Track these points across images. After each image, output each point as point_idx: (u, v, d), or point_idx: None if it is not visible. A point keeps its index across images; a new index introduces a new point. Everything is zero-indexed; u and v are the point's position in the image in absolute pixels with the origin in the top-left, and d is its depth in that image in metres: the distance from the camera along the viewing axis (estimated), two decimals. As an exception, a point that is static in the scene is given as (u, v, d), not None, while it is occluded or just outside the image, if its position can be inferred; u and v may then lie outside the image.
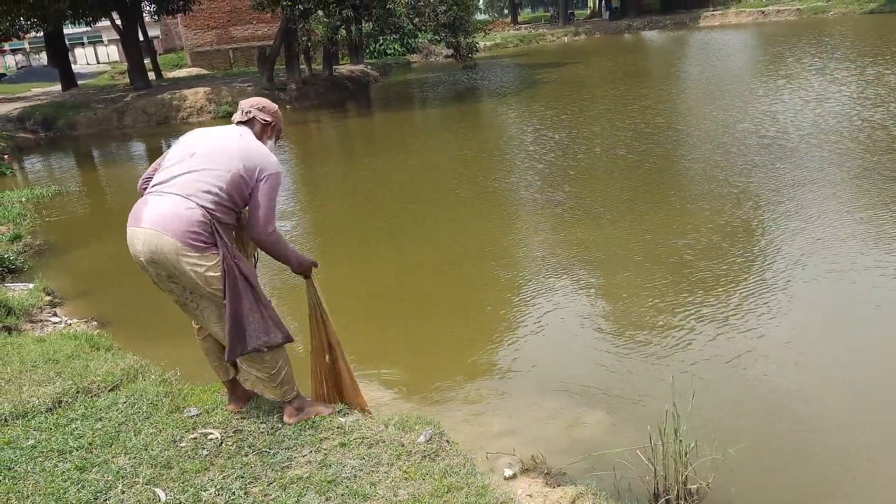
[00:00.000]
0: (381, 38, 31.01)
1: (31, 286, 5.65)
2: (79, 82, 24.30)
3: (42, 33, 21.95)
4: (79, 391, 3.37)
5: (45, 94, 22.50)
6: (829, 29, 24.74)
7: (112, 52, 41.93)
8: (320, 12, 19.38)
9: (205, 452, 2.79)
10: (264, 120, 2.96)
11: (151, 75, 23.59)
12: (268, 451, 2.78)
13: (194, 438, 2.91)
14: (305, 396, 3.13)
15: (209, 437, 2.90)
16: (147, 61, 23.54)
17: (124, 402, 3.25)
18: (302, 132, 15.07)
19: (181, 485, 2.58)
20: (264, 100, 3.04)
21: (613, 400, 3.65)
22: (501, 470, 2.97)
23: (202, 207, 2.63)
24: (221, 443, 2.85)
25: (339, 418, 3.03)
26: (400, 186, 9.09)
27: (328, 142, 14.28)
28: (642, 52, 26.42)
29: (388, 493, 2.51)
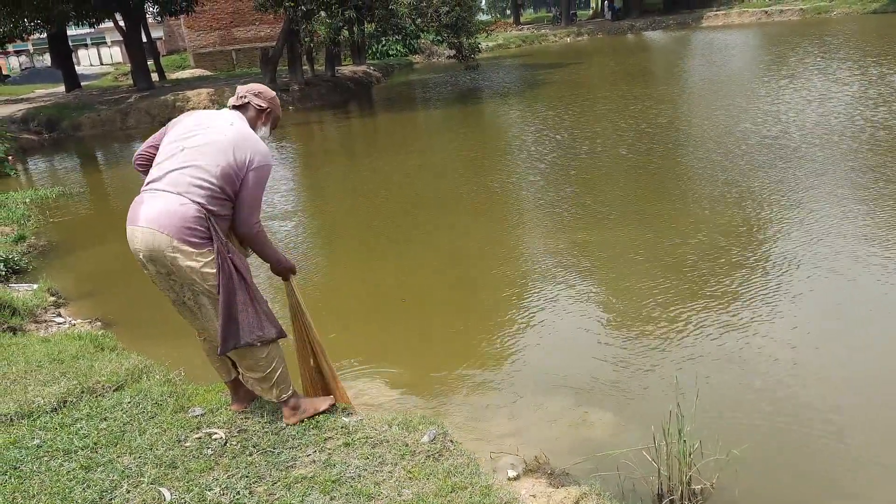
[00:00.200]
0: (384, 39, 31.05)
1: (35, 287, 5.67)
2: (82, 84, 24.34)
3: (46, 35, 22.01)
4: (84, 391, 3.38)
5: (48, 96, 22.57)
6: (832, 29, 24.70)
7: (115, 54, 42.01)
8: (323, 13, 19.41)
9: (209, 452, 2.80)
10: (259, 105, 2.93)
11: (154, 76, 23.70)
12: (272, 450, 2.79)
13: (199, 438, 2.91)
14: (301, 394, 3.13)
15: (214, 437, 2.91)
16: (150, 63, 23.64)
17: (129, 402, 3.26)
18: (304, 133, 15.09)
19: (186, 484, 2.59)
20: (261, 86, 3.01)
21: (617, 400, 3.65)
22: (505, 470, 2.97)
23: (196, 203, 2.62)
24: (226, 442, 2.86)
25: (343, 418, 3.04)
26: (401, 187, 9.09)
27: (330, 142, 14.29)
28: (645, 52, 26.41)
29: (392, 492, 2.51)
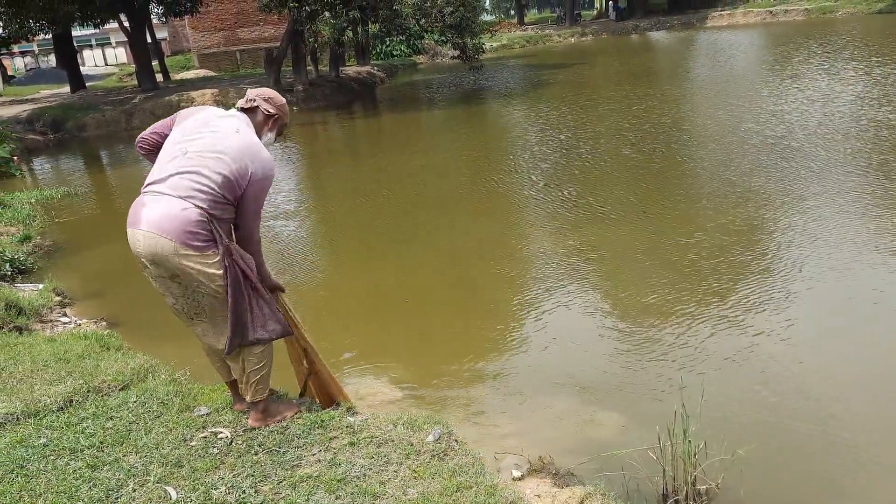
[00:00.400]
0: (388, 40, 31.08)
1: (41, 287, 5.69)
2: (87, 84, 24.43)
3: (51, 35, 22.09)
4: (90, 390, 3.40)
5: (53, 96, 22.64)
6: (837, 29, 24.64)
7: (120, 54, 42.12)
8: (327, 14, 19.44)
9: (215, 451, 2.81)
10: (267, 111, 2.92)
11: (159, 77, 23.75)
12: (277, 449, 2.79)
13: (204, 437, 2.92)
14: (273, 399, 3.10)
15: (219, 436, 2.92)
16: (155, 63, 23.71)
17: (135, 402, 3.27)
18: (308, 133, 15.11)
19: (192, 483, 2.60)
20: (272, 91, 3.00)
21: (621, 400, 3.65)
22: (509, 470, 2.97)
23: (198, 207, 2.60)
24: (231, 441, 2.87)
25: (348, 417, 3.04)
26: (404, 187, 9.10)
27: (334, 142, 14.31)
28: (649, 52, 26.37)
29: (397, 491, 2.51)
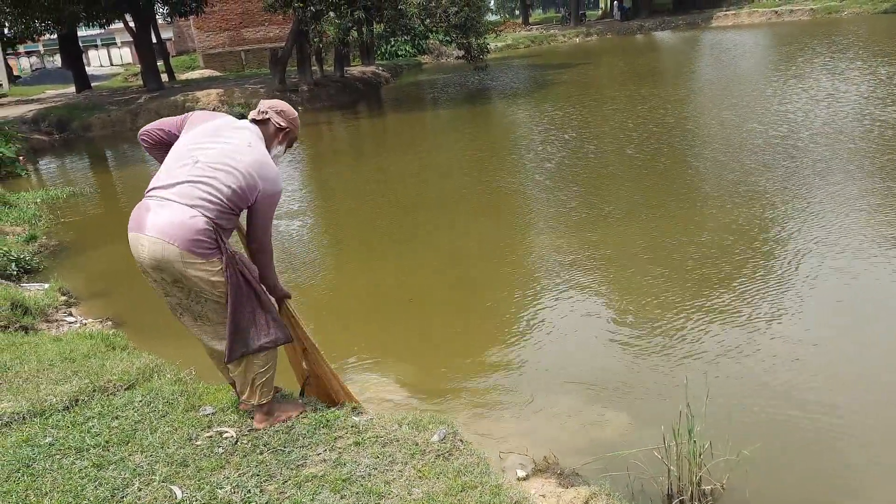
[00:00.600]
0: (393, 40, 31.09)
1: (46, 286, 5.71)
2: (92, 84, 24.49)
3: (56, 36, 22.15)
4: (95, 390, 3.40)
5: (59, 96, 22.72)
6: (842, 29, 24.57)
7: (125, 55, 42.24)
8: (332, 14, 19.44)
9: (220, 451, 2.81)
10: (279, 124, 2.93)
11: (164, 77, 23.79)
12: (282, 449, 2.80)
13: (210, 437, 2.93)
14: (279, 396, 3.11)
15: (224, 436, 2.92)
16: (160, 63, 23.76)
17: (140, 401, 3.28)
18: (313, 133, 15.12)
19: (197, 482, 2.60)
20: (285, 104, 3.00)
21: (626, 400, 3.64)
22: (514, 470, 2.97)
23: (206, 216, 2.62)
24: (237, 441, 2.87)
25: (353, 417, 3.04)
26: (407, 186, 9.11)
27: (339, 142, 14.34)
28: (653, 52, 26.34)
29: (402, 491, 2.51)
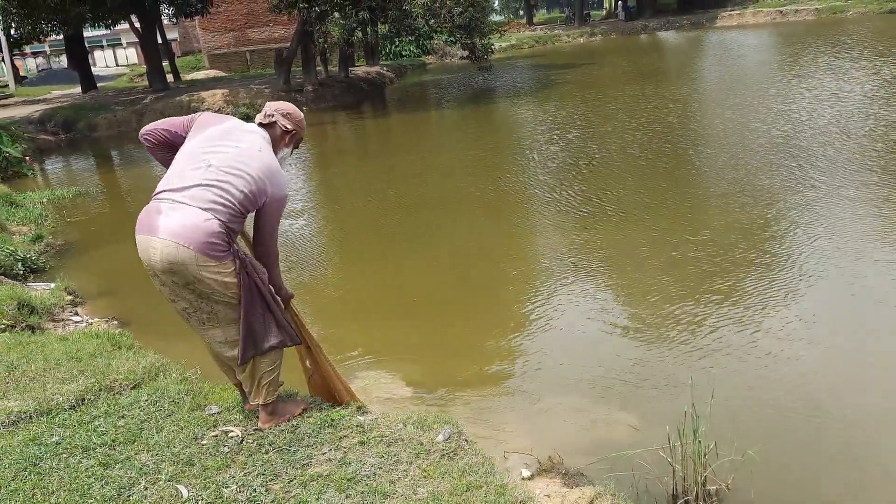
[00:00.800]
0: (397, 40, 31.08)
1: (52, 286, 5.73)
2: (98, 84, 24.58)
3: (62, 36, 22.24)
4: (101, 389, 3.42)
5: (65, 97, 22.81)
6: (847, 29, 24.48)
7: (131, 55, 42.37)
8: (336, 14, 19.47)
9: (226, 450, 2.82)
10: (285, 127, 2.93)
11: (170, 77, 23.88)
12: (288, 448, 2.81)
13: (215, 436, 2.94)
14: (281, 398, 3.11)
15: (230, 435, 2.93)
16: (165, 63, 23.82)
17: (146, 400, 3.29)
18: (318, 133, 15.14)
19: (203, 481, 2.61)
20: (291, 106, 3.00)
21: (631, 400, 3.64)
22: (519, 470, 2.97)
23: (219, 220, 2.64)
24: (242, 440, 2.88)
25: (358, 416, 3.05)
26: (410, 186, 9.12)
27: (343, 142, 14.35)
28: (657, 52, 26.30)
29: (407, 491, 2.52)
